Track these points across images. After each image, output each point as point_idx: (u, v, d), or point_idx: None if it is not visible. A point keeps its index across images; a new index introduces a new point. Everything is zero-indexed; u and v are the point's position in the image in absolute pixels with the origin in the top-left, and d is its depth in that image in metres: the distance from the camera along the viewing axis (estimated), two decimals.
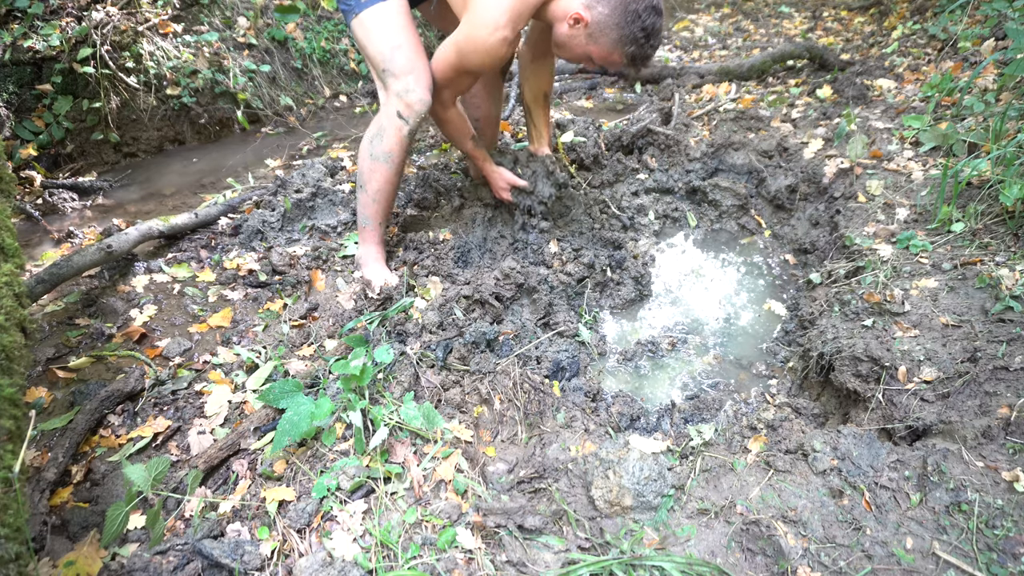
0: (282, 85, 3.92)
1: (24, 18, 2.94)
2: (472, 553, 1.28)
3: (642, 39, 1.72)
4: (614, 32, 1.73)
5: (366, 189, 2.05)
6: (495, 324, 2.05)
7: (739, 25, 5.46)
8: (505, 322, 2.07)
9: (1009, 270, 1.84)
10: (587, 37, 1.79)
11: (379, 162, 2.00)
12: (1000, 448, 1.42)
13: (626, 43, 1.74)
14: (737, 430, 1.70)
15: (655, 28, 1.72)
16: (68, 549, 1.31)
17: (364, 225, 2.12)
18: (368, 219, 2.11)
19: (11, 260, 1.37)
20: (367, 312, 2.00)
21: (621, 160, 3.00)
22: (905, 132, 2.77)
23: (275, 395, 1.56)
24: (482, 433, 1.62)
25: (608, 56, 1.79)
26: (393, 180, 2.05)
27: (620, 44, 1.75)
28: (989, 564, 1.21)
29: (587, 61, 1.88)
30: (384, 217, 2.12)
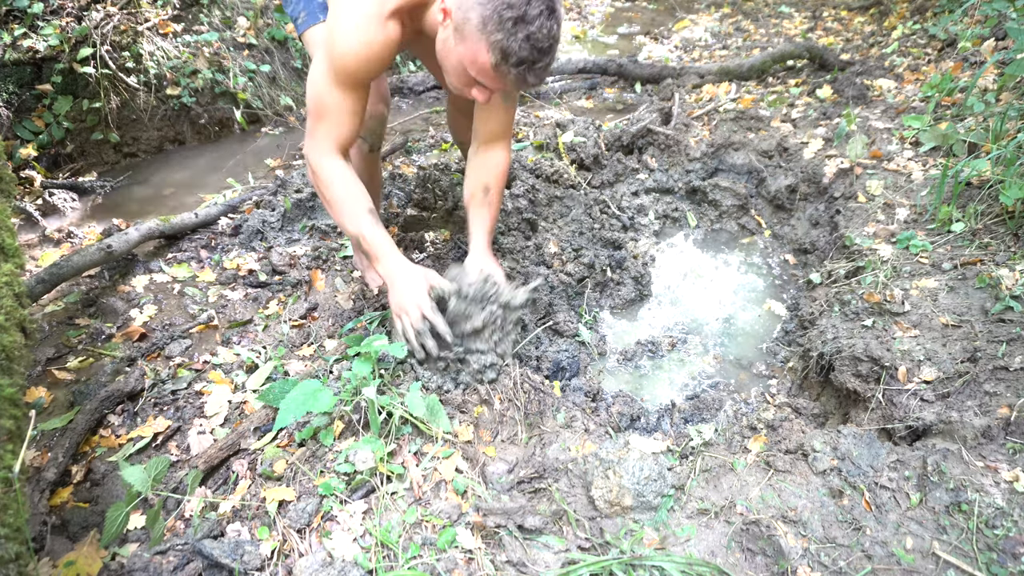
0: (282, 85, 3.92)
1: (24, 18, 2.94)
2: (472, 553, 1.28)
3: (510, 23, 1.25)
4: (475, 15, 1.28)
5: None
6: None
7: (739, 25, 5.47)
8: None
9: (1009, 270, 1.84)
10: (455, 35, 1.36)
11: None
12: (1000, 448, 1.42)
13: (491, 30, 1.27)
14: (737, 430, 1.70)
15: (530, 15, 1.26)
16: (68, 549, 1.31)
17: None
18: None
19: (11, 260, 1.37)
20: (367, 312, 2.00)
21: (621, 160, 3.01)
22: (905, 132, 2.77)
23: (275, 395, 1.56)
24: (482, 433, 1.61)
25: (475, 57, 1.33)
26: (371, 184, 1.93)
27: (484, 33, 1.28)
28: (989, 564, 1.21)
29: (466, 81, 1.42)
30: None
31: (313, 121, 1.54)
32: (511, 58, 1.29)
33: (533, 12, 1.26)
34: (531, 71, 1.32)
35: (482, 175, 1.77)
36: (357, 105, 1.53)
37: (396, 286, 1.58)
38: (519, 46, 1.27)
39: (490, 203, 1.78)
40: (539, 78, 1.35)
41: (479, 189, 1.77)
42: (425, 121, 3.86)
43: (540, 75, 1.35)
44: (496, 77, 1.35)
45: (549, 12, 1.28)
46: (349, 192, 1.57)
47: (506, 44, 1.27)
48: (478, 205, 1.78)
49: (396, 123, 3.75)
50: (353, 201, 1.57)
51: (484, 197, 1.77)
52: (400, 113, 4.00)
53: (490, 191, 1.77)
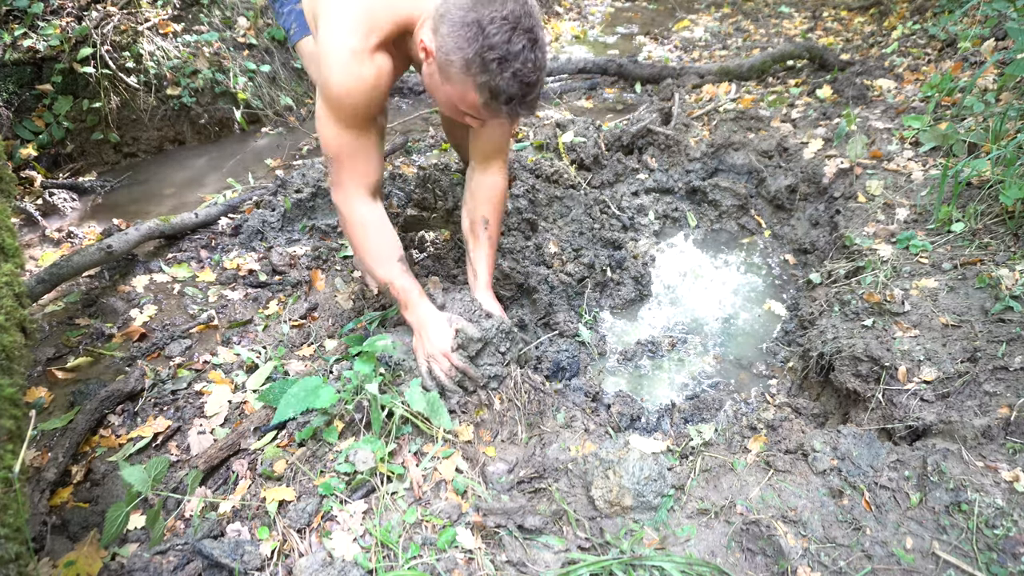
0: (282, 85, 3.92)
1: (24, 18, 2.94)
2: (472, 553, 1.28)
3: (494, 64, 1.23)
4: (457, 58, 1.26)
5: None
6: None
7: (739, 25, 5.47)
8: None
9: (1009, 270, 1.84)
10: (440, 74, 1.32)
11: None
12: (1000, 448, 1.42)
13: (475, 71, 1.25)
14: (737, 430, 1.70)
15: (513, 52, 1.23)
16: (68, 549, 1.31)
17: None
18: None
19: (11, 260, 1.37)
20: (367, 312, 2.00)
21: (621, 160, 3.00)
22: (905, 132, 2.77)
23: (275, 395, 1.56)
24: (482, 433, 1.62)
25: (464, 96, 1.31)
26: None
27: (469, 75, 1.26)
28: (989, 564, 1.21)
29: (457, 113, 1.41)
30: None
31: (335, 168, 1.52)
32: (500, 96, 1.28)
33: (516, 48, 1.23)
34: (522, 105, 1.31)
35: (481, 207, 1.77)
36: (371, 142, 1.52)
37: (425, 334, 1.60)
38: (507, 84, 1.26)
39: (490, 238, 1.78)
40: (531, 109, 1.34)
41: (479, 222, 1.77)
42: (425, 121, 3.86)
43: (532, 106, 1.33)
44: (487, 114, 1.35)
45: (531, 44, 1.25)
46: (382, 239, 1.58)
47: (493, 84, 1.26)
48: (478, 241, 1.78)
49: (396, 123, 3.75)
50: (385, 248, 1.58)
51: (484, 232, 1.77)
52: (400, 113, 4.00)
53: (489, 224, 1.77)
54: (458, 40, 1.25)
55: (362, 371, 1.54)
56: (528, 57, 1.25)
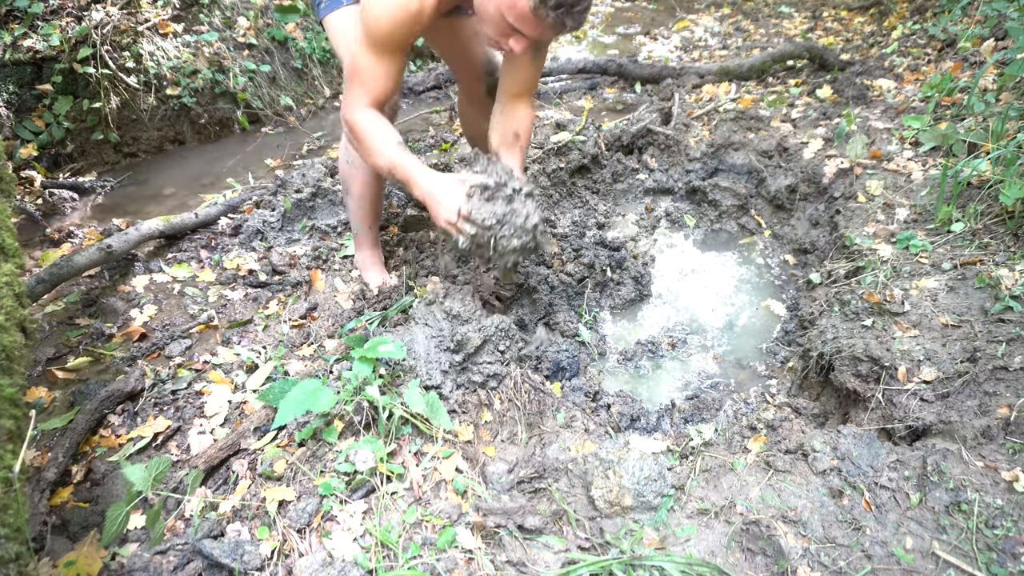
0: (282, 85, 3.92)
1: (24, 18, 2.94)
2: (472, 553, 1.28)
3: None
4: None
5: (351, 194, 2.00)
6: None
7: (739, 25, 5.46)
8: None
9: (1009, 270, 1.84)
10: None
11: (355, 167, 1.93)
12: (1000, 448, 1.42)
13: None
14: (737, 430, 1.70)
15: None
16: (68, 549, 1.31)
17: (356, 231, 2.11)
18: (358, 224, 2.07)
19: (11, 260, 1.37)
20: (367, 312, 2.00)
21: (621, 160, 3.01)
22: (905, 132, 2.77)
23: (275, 395, 1.56)
24: (482, 433, 1.62)
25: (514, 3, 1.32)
26: (372, 183, 1.97)
27: None
28: (989, 564, 1.21)
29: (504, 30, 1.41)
30: (373, 220, 2.07)
31: (348, 84, 1.58)
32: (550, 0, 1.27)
33: None
34: (569, 14, 1.30)
35: (511, 124, 1.77)
36: (391, 68, 1.54)
37: (437, 200, 1.58)
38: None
39: (521, 147, 1.80)
40: (577, 21, 1.33)
41: (509, 135, 1.78)
42: (425, 121, 3.86)
43: (579, 18, 1.33)
44: (535, 21, 1.33)
45: None
46: (379, 132, 1.59)
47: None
48: (509, 148, 1.79)
49: (396, 123, 3.74)
50: (382, 138, 1.59)
51: (515, 142, 1.78)
52: (400, 113, 3.99)
53: (520, 137, 1.79)
54: None
55: (361, 373, 1.54)
56: None
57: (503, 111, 1.79)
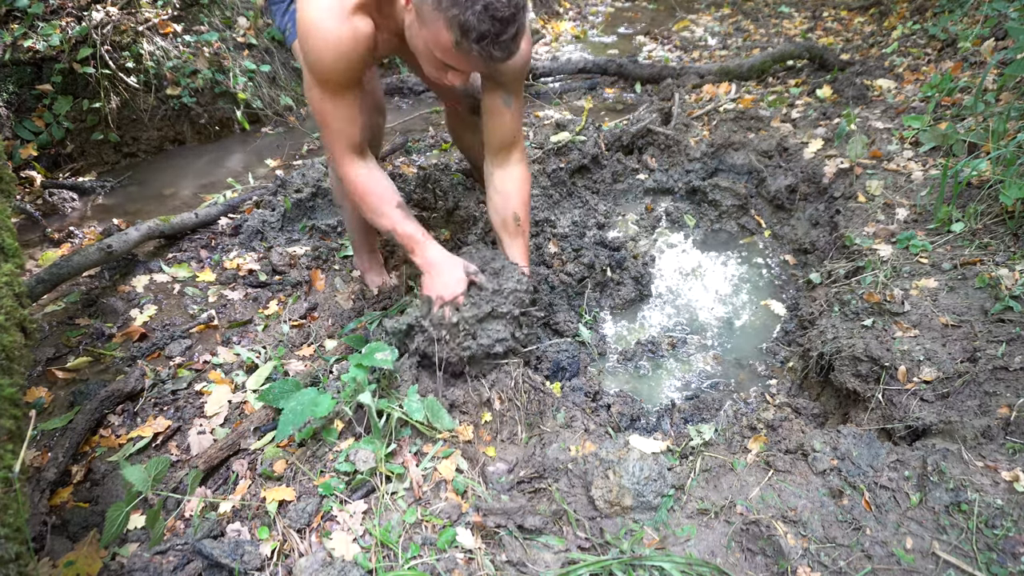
0: (282, 85, 3.92)
1: (24, 18, 2.94)
2: (472, 553, 1.28)
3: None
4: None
5: (344, 208, 1.98)
6: None
7: (739, 25, 5.46)
8: None
9: (1009, 270, 1.84)
10: (417, 19, 1.30)
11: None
12: (1000, 448, 1.42)
13: (446, 7, 1.20)
14: (737, 430, 1.70)
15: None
16: (68, 549, 1.31)
17: (352, 237, 2.11)
18: (354, 233, 2.07)
19: (11, 260, 1.37)
20: (367, 312, 2.00)
21: (621, 160, 3.00)
22: (905, 132, 2.77)
23: (275, 395, 1.56)
24: (482, 433, 1.62)
25: (437, 37, 1.25)
26: None
27: (440, 11, 1.21)
28: (989, 564, 1.21)
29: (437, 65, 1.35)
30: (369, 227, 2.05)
31: (323, 136, 1.55)
32: (471, 33, 1.21)
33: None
34: (495, 44, 1.23)
35: (511, 204, 1.74)
36: (353, 108, 1.50)
37: (437, 275, 1.57)
38: (477, 19, 1.19)
39: (523, 232, 1.78)
40: (505, 51, 1.26)
41: (510, 219, 1.76)
42: (425, 121, 3.86)
43: (506, 48, 1.25)
44: (461, 56, 1.27)
45: None
46: (378, 191, 1.57)
47: (463, 18, 1.19)
48: (512, 237, 1.77)
49: (396, 123, 3.75)
50: (382, 199, 1.57)
51: (516, 227, 1.76)
52: (400, 113, 4.00)
53: (520, 220, 1.76)
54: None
55: (357, 377, 1.54)
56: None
57: (495, 175, 1.75)
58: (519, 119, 1.71)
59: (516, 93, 1.66)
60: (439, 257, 1.58)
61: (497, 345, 1.60)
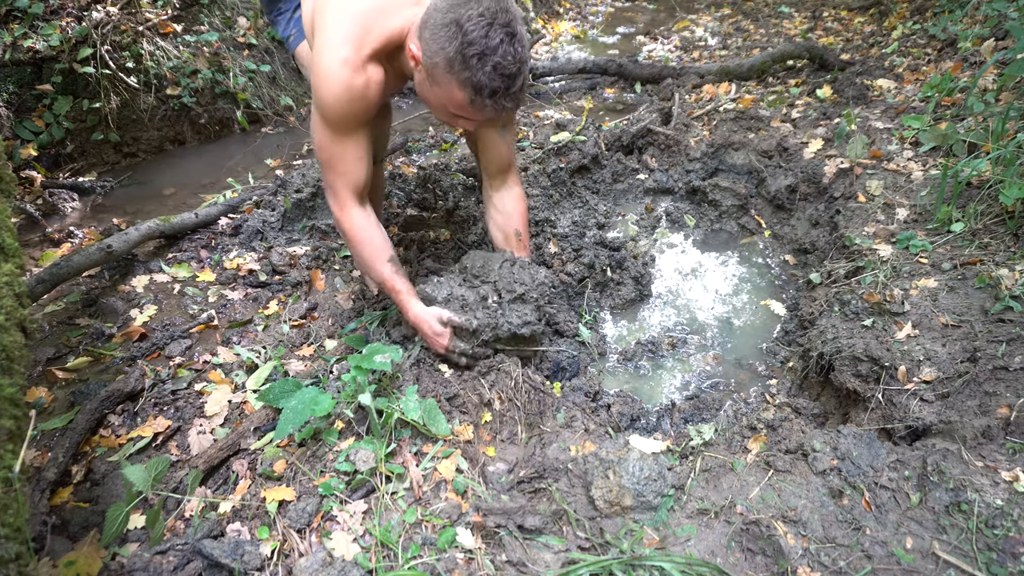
0: (282, 85, 3.92)
1: (24, 18, 2.94)
2: (472, 553, 1.28)
3: (475, 59, 1.28)
4: (440, 59, 1.31)
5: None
6: None
7: (739, 25, 5.46)
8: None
9: (1009, 270, 1.84)
10: (428, 78, 1.39)
11: None
12: (1000, 448, 1.42)
13: (457, 69, 1.30)
14: (737, 430, 1.70)
15: (491, 46, 1.28)
16: (68, 549, 1.31)
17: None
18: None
19: (11, 260, 1.37)
20: (367, 312, 2.00)
21: (621, 160, 3.01)
22: (905, 132, 2.77)
23: (275, 395, 1.56)
24: (482, 433, 1.62)
25: (451, 96, 1.36)
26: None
27: (452, 74, 1.31)
28: (989, 564, 1.21)
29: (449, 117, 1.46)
30: None
31: (326, 174, 1.60)
32: (484, 91, 1.32)
33: (494, 42, 1.28)
34: (506, 97, 1.35)
35: (512, 222, 1.86)
36: (360, 149, 1.57)
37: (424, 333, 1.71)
38: (488, 79, 1.30)
39: (524, 246, 1.89)
40: (516, 101, 1.39)
41: (512, 235, 1.87)
42: (425, 121, 3.86)
43: (516, 98, 1.37)
44: (475, 111, 1.39)
45: (510, 37, 1.30)
46: (371, 244, 1.66)
47: (476, 80, 1.30)
48: (517, 249, 1.87)
49: (396, 123, 3.75)
50: (374, 252, 1.66)
51: (519, 242, 1.87)
52: (400, 113, 4.00)
53: (522, 235, 1.87)
54: (440, 41, 1.31)
55: (357, 377, 1.54)
56: (507, 51, 1.30)
57: (493, 197, 1.86)
58: (513, 145, 1.81)
59: (510, 125, 1.77)
60: (419, 315, 1.68)
61: (525, 328, 1.71)
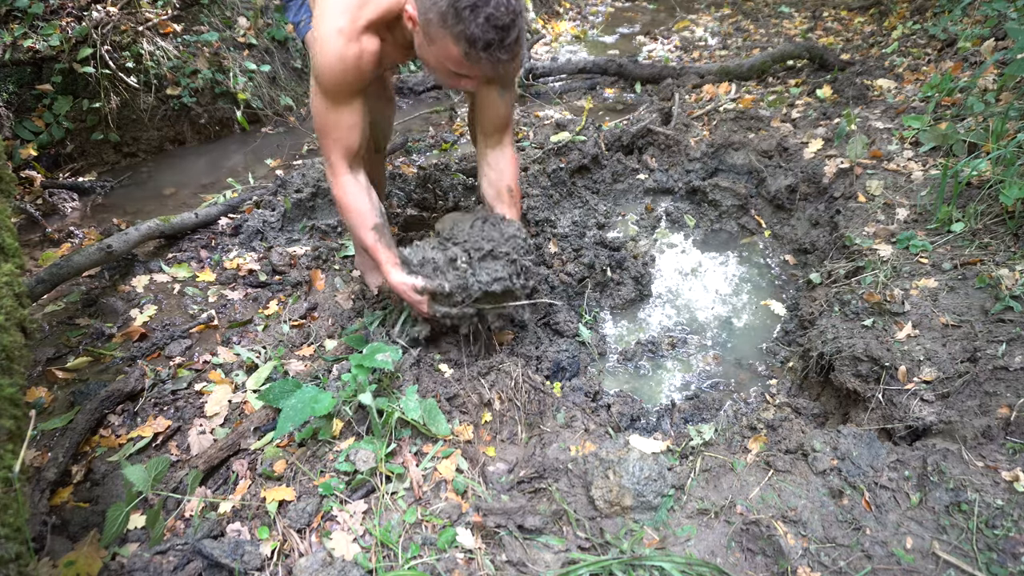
0: (282, 85, 3.92)
1: (24, 18, 2.94)
2: (472, 553, 1.28)
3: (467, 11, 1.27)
4: (434, 15, 1.32)
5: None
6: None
7: (739, 25, 5.46)
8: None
9: (1009, 270, 1.84)
10: (425, 38, 1.39)
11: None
12: (1000, 448, 1.42)
13: (451, 24, 1.29)
14: (737, 430, 1.70)
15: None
16: (68, 549, 1.31)
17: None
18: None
19: (11, 260, 1.37)
20: (367, 312, 2.00)
21: (621, 160, 3.00)
22: (905, 132, 2.77)
23: (275, 395, 1.56)
24: (482, 433, 1.62)
25: (447, 52, 1.36)
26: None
27: (446, 28, 1.31)
28: (989, 564, 1.21)
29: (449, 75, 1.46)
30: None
31: (321, 140, 1.63)
32: (478, 43, 1.31)
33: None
34: (501, 49, 1.33)
35: (503, 177, 1.85)
36: (354, 117, 1.59)
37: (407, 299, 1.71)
38: (482, 31, 1.29)
39: (516, 204, 1.88)
40: (511, 53, 1.37)
41: (504, 191, 1.86)
42: (425, 121, 3.86)
43: (511, 50, 1.36)
44: (471, 65, 1.37)
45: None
46: (359, 209, 1.67)
47: (469, 32, 1.29)
48: (507, 206, 1.86)
49: (396, 123, 3.75)
50: (360, 217, 1.67)
51: (511, 198, 1.86)
52: (400, 113, 4.00)
53: (513, 192, 1.86)
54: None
55: (358, 376, 1.54)
56: (500, 1, 1.29)
57: (488, 153, 1.85)
58: (511, 106, 1.81)
59: (510, 86, 1.77)
60: (396, 284, 1.69)
61: (496, 284, 1.66)
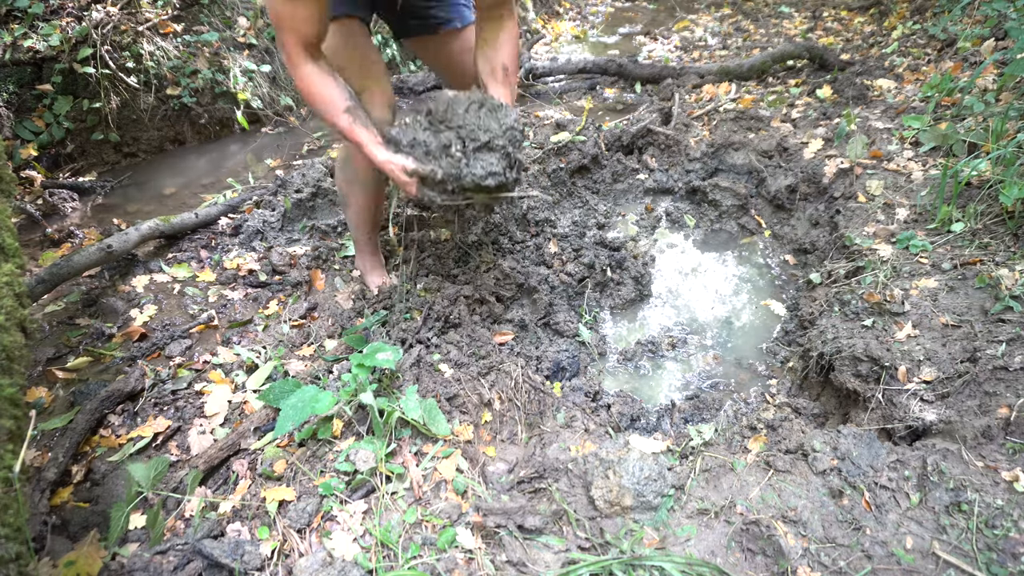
0: (282, 85, 3.92)
1: (24, 18, 2.94)
2: (472, 553, 1.28)
3: None
4: None
5: (349, 207, 2.01)
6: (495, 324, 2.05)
7: (739, 25, 5.46)
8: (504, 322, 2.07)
9: (1009, 270, 1.84)
10: None
11: (353, 184, 1.94)
12: (1000, 448, 1.42)
13: None
14: (737, 430, 1.70)
15: None
16: (68, 549, 1.31)
17: (356, 238, 2.12)
18: (357, 233, 2.09)
19: (11, 260, 1.37)
20: (367, 312, 2.00)
21: (621, 160, 3.00)
22: (905, 132, 2.77)
23: (275, 395, 1.56)
24: (482, 433, 1.62)
25: None
26: (371, 196, 1.97)
27: None
28: (989, 564, 1.21)
29: None
30: (372, 228, 2.09)
31: (278, 34, 1.53)
32: None
33: None
34: None
35: (500, 55, 1.73)
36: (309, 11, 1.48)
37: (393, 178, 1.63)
38: None
39: (510, 83, 1.76)
40: None
41: (498, 68, 1.74)
42: None
43: None
44: None
45: None
46: (325, 97, 1.57)
47: None
48: (500, 83, 1.74)
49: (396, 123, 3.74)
50: (328, 106, 1.57)
51: (505, 76, 1.74)
52: (400, 113, 3.99)
53: (508, 70, 1.74)
54: None
55: (359, 376, 1.54)
56: None
57: (487, 26, 1.73)
58: None
59: None
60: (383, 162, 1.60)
61: (490, 179, 1.57)
